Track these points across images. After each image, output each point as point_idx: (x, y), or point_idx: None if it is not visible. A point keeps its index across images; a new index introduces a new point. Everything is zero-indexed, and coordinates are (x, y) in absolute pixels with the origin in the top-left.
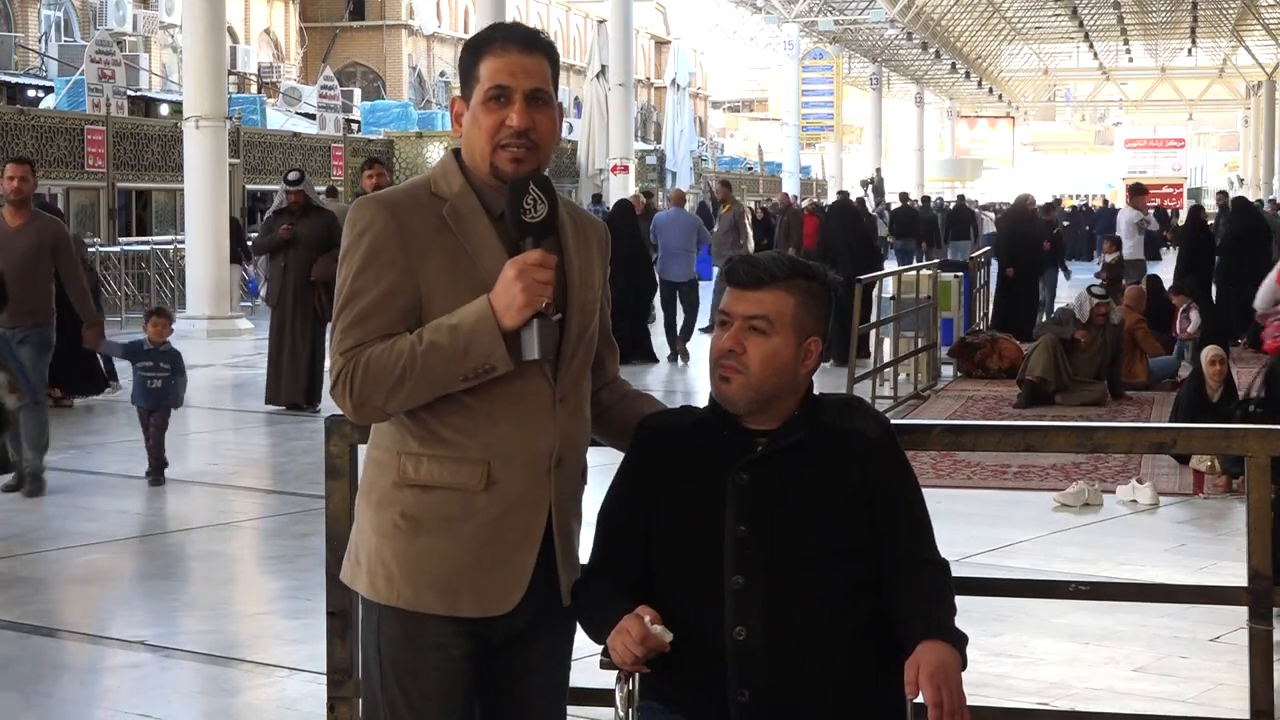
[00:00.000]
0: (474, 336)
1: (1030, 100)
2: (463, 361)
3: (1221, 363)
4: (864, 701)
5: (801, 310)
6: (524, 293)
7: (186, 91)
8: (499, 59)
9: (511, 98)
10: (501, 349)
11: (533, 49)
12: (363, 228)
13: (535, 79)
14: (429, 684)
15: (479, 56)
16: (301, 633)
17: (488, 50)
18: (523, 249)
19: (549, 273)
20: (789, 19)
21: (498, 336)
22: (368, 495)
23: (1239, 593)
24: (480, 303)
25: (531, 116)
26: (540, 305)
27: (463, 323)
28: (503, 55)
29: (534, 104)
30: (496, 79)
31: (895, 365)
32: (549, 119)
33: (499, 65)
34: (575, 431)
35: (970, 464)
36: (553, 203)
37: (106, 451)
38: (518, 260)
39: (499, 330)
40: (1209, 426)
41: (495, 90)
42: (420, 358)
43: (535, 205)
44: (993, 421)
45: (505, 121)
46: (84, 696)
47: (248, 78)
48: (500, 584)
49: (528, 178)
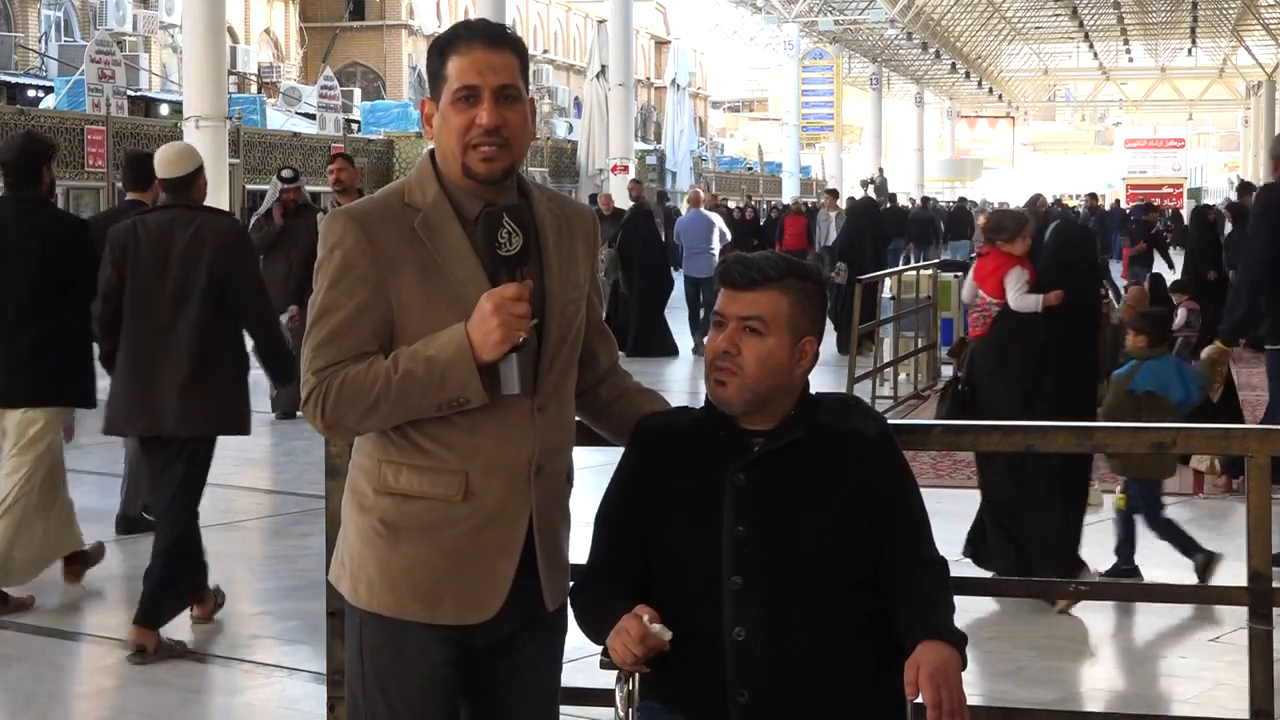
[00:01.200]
0: (450, 369)
1: (1030, 100)
2: (438, 392)
3: (1223, 364)
4: (863, 701)
5: (796, 310)
6: (500, 328)
7: (186, 91)
8: (465, 58)
9: (480, 96)
10: (477, 383)
11: (499, 45)
12: (334, 242)
13: (502, 75)
14: (410, 689)
15: (445, 56)
16: (301, 633)
17: (453, 49)
18: (499, 282)
19: (525, 305)
20: (789, 19)
21: (473, 370)
22: (352, 499)
23: (1239, 593)
24: (458, 334)
25: (501, 114)
26: (517, 340)
27: (439, 354)
28: (468, 54)
29: (503, 101)
30: (464, 78)
31: (895, 365)
32: (519, 114)
33: (465, 64)
34: (555, 438)
35: (970, 464)
36: (527, 234)
37: (106, 451)
38: (494, 294)
39: (475, 364)
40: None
41: (463, 90)
42: (395, 386)
43: (510, 238)
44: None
45: (475, 120)
46: (84, 696)
47: (248, 78)
48: (480, 591)
49: (501, 209)
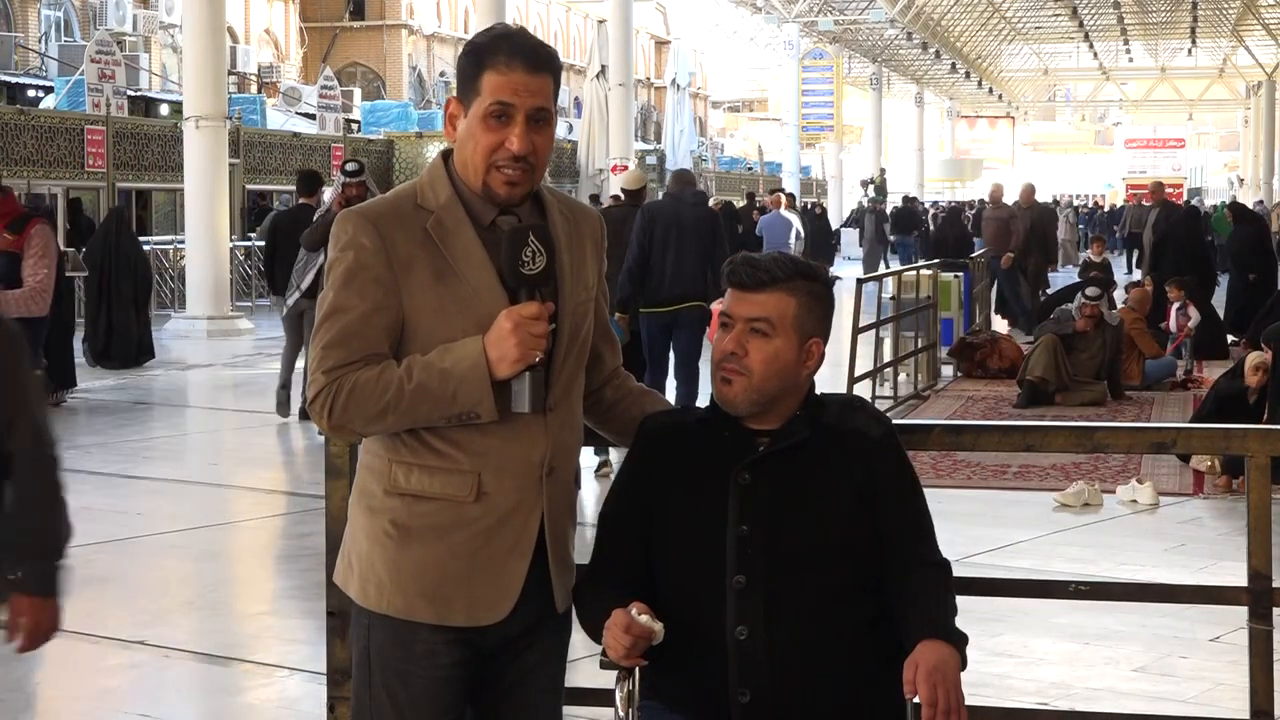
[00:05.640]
0: (464, 384)
1: (1030, 100)
2: (449, 406)
3: (1265, 370)
4: (865, 701)
5: (803, 311)
6: (518, 347)
7: (186, 91)
8: (503, 76)
9: (513, 117)
10: (489, 400)
11: (539, 69)
12: (346, 242)
13: (538, 98)
14: (417, 691)
15: (482, 67)
16: (301, 633)
17: (492, 63)
18: (518, 299)
19: (544, 325)
20: (789, 19)
21: (487, 387)
22: (360, 500)
23: (1239, 593)
24: (474, 349)
25: (531, 139)
26: (533, 359)
27: (454, 368)
28: (507, 73)
29: (534, 124)
30: (499, 95)
31: (895, 365)
32: (547, 139)
33: (503, 82)
34: (566, 439)
35: (970, 464)
36: (551, 253)
37: (106, 451)
38: (514, 313)
39: (489, 380)
40: (1209, 426)
41: (497, 107)
42: (408, 396)
43: (534, 258)
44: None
45: (504, 143)
46: (84, 696)
47: (248, 78)
48: (492, 593)
49: (527, 229)
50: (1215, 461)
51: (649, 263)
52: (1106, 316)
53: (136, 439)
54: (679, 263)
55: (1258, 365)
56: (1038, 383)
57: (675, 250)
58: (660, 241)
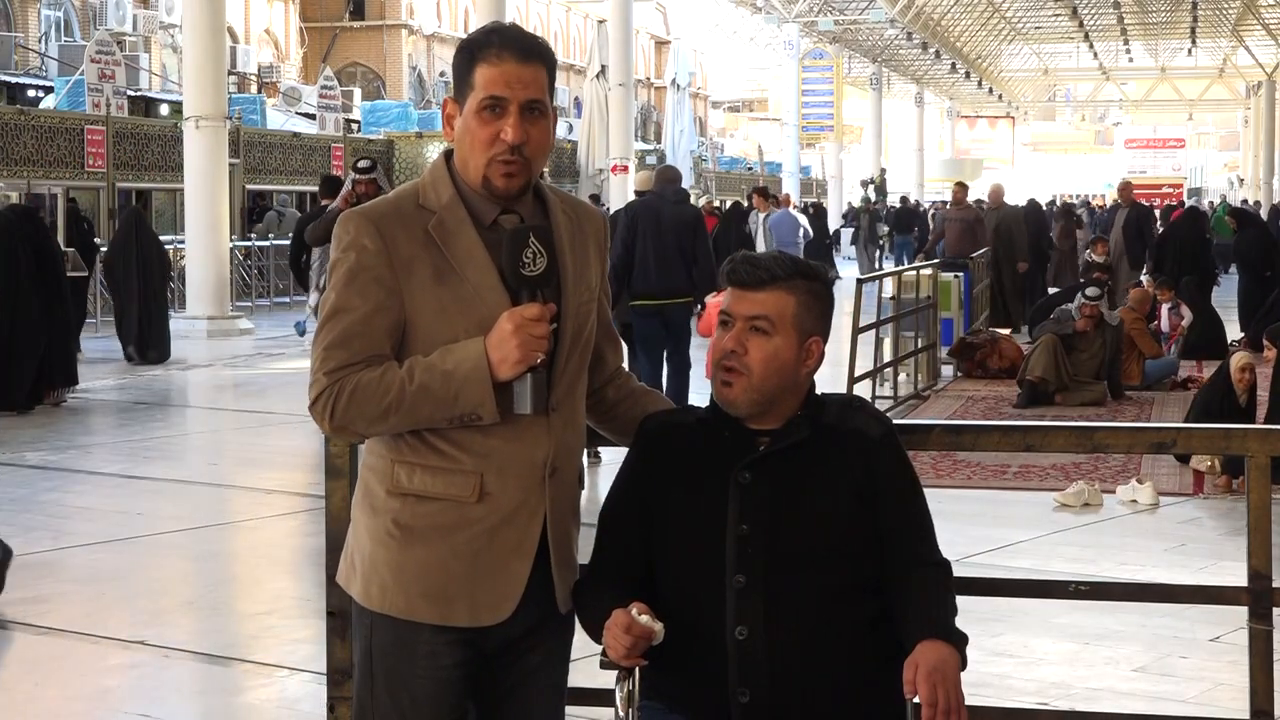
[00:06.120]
0: (465, 385)
1: (1030, 100)
2: (450, 407)
3: (1251, 371)
4: (865, 702)
5: (803, 310)
6: (519, 349)
7: (186, 91)
8: (495, 68)
9: (507, 109)
10: (491, 402)
11: (530, 58)
12: (348, 242)
13: (531, 89)
14: (418, 692)
15: (474, 62)
16: (301, 633)
17: (483, 57)
18: (520, 300)
19: (545, 326)
20: (789, 19)
21: (489, 389)
22: (363, 500)
23: (1239, 593)
24: (476, 351)
25: (526, 130)
26: (535, 361)
27: (456, 369)
28: (498, 64)
29: (529, 116)
30: (492, 89)
31: (895, 365)
32: (543, 131)
33: (494, 75)
34: (569, 439)
35: (970, 464)
36: (552, 256)
37: (106, 451)
38: (515, 314)
39: (491, 382)
40: (1209, 426)
41: (490, 100)
42: (409, 398)
43: (535, 259)
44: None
45: (499, 135)
46: (84, 696)
47: (248, 78)
48: (494, 594)
49: (528, 230)
50: (1215, 461)
51: (634, 258)
52: (1106, 316)
53: (136, 439)
54: (661, 258)
55: (1243, 366)
56: (1038, 383)
57: (656, 247)
58: (643, 237)
